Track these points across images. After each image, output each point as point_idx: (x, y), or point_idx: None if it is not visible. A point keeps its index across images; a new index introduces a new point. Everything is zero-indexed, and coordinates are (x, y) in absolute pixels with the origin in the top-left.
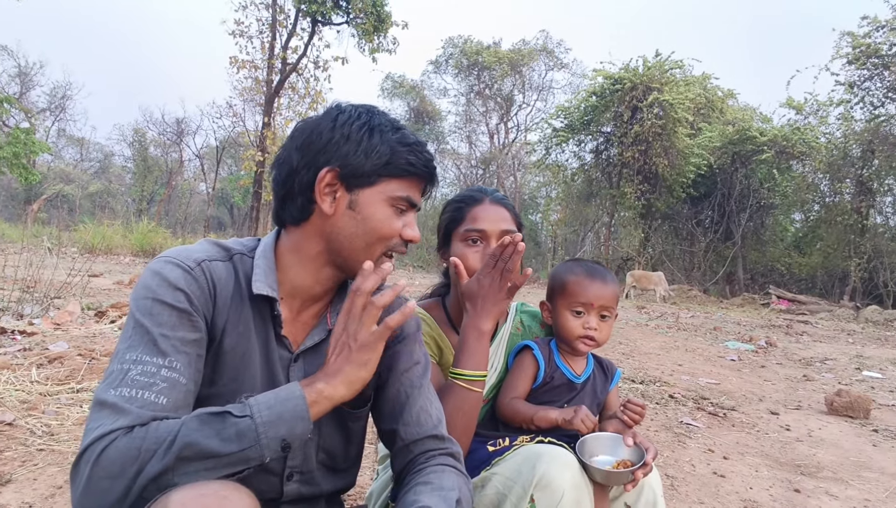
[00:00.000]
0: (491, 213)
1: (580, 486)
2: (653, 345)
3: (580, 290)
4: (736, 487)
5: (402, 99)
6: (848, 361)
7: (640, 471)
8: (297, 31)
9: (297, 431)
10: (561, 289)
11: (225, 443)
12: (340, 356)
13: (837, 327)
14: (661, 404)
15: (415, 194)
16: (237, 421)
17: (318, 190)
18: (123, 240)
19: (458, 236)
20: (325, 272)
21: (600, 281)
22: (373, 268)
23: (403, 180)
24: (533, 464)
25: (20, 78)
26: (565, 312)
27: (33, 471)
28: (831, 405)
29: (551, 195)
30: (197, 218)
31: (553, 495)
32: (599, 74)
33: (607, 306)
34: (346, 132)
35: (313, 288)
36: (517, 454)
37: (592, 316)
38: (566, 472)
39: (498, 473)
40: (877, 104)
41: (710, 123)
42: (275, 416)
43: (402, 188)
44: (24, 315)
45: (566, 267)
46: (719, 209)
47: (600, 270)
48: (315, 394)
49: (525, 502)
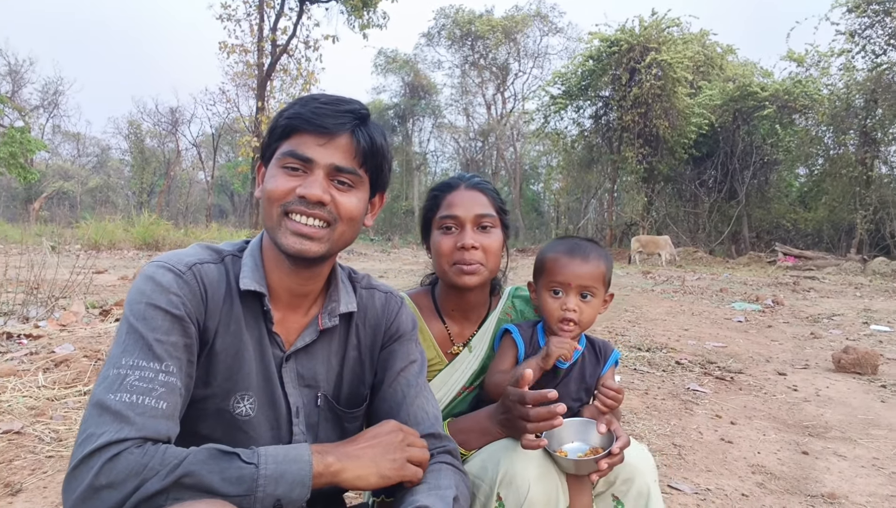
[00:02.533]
0: (465, 199)
1: (547, 477)
2: (659, 310)
3: (557, 268)
4: (744, 452)
5: (395, 74)
6: (855, 315)
7: (605, 460)
8: (284, 12)
9: (294, 495)
10: (540, 267)
11: (225, 483)
12: (372, 446)
13: (845, 281)
14: (667, 371)
15: (306, 149)
16: (242, 466)
17: (258, 179)
18: (126, 234)
19: (435, 223)
20: (283, 265)
21: (580, 259)
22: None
23: (291, 138)
24: (497, 461)
25: (11, 76)
26: (544, 293)
27: (43, 479)
28: (839, 362)
29: (552, 164)
30: (198, 207)
31: (519, 490)
32: (595, 37)
33: (588, 286)
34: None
35: (282, 285)
36: (483, 451)
37: (571, 296)
38: (530, 464)
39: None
40: (879, 52)
41: (710, 81)
42: (278, 473)
43: (288, 146)
44: (29, 318)
45: (550, 245)
46: (722, 168)
47: (584, 246)
48: (323, 466)
49: (493, 500)
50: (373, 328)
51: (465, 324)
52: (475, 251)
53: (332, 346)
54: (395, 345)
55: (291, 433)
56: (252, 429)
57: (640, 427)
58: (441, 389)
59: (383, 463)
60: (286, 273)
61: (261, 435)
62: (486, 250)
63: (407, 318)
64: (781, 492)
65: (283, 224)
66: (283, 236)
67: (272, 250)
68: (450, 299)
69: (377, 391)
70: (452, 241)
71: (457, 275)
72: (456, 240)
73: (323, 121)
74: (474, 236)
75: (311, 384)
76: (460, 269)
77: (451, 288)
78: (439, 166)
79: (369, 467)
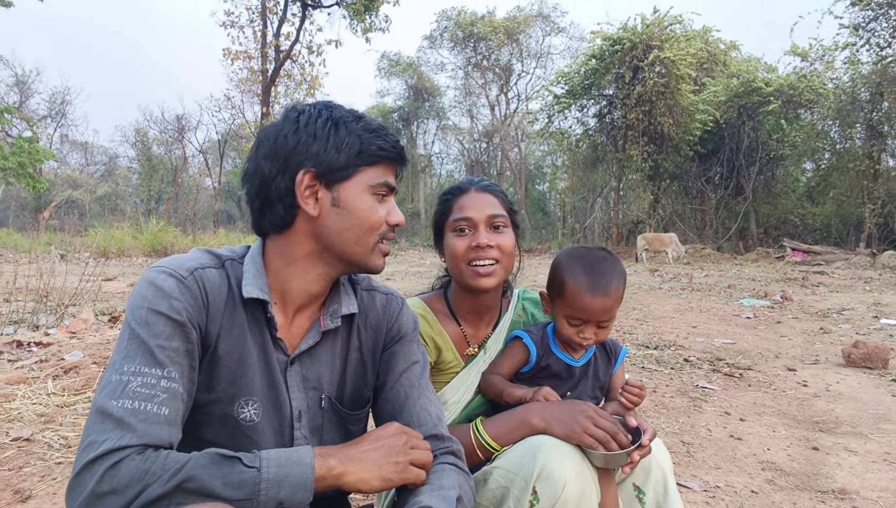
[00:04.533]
0: (477, 201)
1: (582, 474)
2: (666, 308)
3: (579, 303)
4: (753, 449)
5: (399, 77)
6: (865, 310)
7: (637, 453)
8: (287, 17)
9: (297, 498)
10: (559, 292)
11: (227, 487)
12: (375, 448)
13: (854, 275)
14: (676, 368)
15: (390, 178)
16: (244, 470)
17: (299, 194)
18: (134, 241)
19: (448, 227)
20: (316, 271)
21: (602, 295)
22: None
23: (378, 166)
24: (534, 455)
25: (18, 87)
26: (561, 318)
27: (52, 486)
28: (849, 357)
29: (557, 164)
30: (206, 214)
31: (555, 485)
32: (598, 36)
33: (608, 318)
34: (312, 131)
35: (306, 290)
36: (518, 445)
37: (590, 328)
38: (567, 461)
39: (499, 466)
40: (883, 45)
41: (714, 78)
42: (280, 476)
43: (378, 175)
44: (39, 326)
45: (569, 263)
46: (728, 165)
47: (605, 274)
48: (325, 469)
49: (528, 494)
50: (374, 330)
51: (479, 325)
52: (490, 250)
53: (335, 348)
54: (396, 346)
55: (294, 438)
56: (256, 434)
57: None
58: (459, 390)
59: (386, 466)
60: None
61: (265, 440)
62: (500, 249)
63: (408, 319)
64: (791, 488)
65: (378, 248)
66: (377, 258)
67: (282, 259)
68: (464, 301)
69: (380, 392)
70: (467, 242)
71: (473, 278)
72: (470, 241)
73: (406, 157)
74: (488, 236)
75: (315, 386)
76: (476, 271)
77: (465, 290)
78: (444, 168)
79: (372, 470)
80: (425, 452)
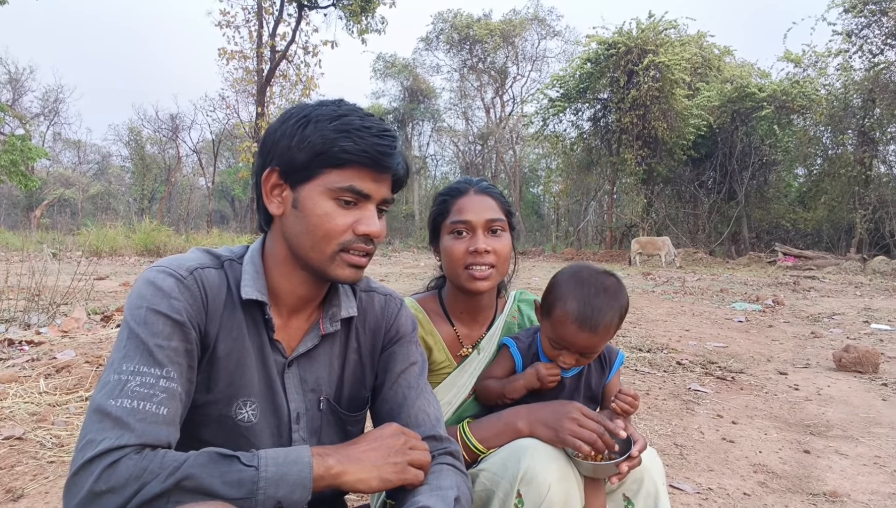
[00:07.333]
0: (475, 203)
1: (567, 478)
2: (659, 311)
3: (563, 332)
4: (745, 452)
5: (394, 79)
6: (856, 314)
7: (625, 463)
8: (283, 18)
9: (295, 497)
10: (548, 311)
11: (225, 486)
12: (374, 449)
13: (845, 280)
14: (668, 371)
15: (363, 184)
16: (242, 468)
17: (264, 191)
18: (127, 241)
19: (445, 228)
20: (297, 276)
21: (588, 330)
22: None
23: (345, 170)
24: (518, 458)
25: (11, 84)
26: (545, 337)
27: (45, 484)
28: (839, 361)
29: (551, 167)
30: (199, 213)
31: (539, 489)
32: (593, 40)
33: (591, 353)
34: (285, 128)
35: (294, 293)
36: (503, 449)
37: (571, 356)
38: (552, 465)
39: (485, 469)
40: (876, 52)
41: (708, 83)
42: (279, 475)
43: (343, 179)
44: (30, 325)
45: (566, 286)
46: (721, 169)
47: (598, 310)
48: (323, 469)
49: (512, 497)
50: (372, 331)
51: (473, 326)
52: (487, 255)
53: (334, 350)
54: (395, 347)
55: (292, 440)
56: (254, 435)
57: (642, 428)
58: (451, 390)
59: (385, 467)
60: (285, 275)
61: (263, 441)
62: (497, 254)
63: (406, 320)
64: (783, 491)
65: (340, 258)
66: (340, 268)
67: (270, 258)
68: (459, 302)
69: (378, 393)
70: (464, 245)
71: (469, 281)
72: (468, 245)
73: (387, 161)
74: (486, 241)
75: (314, 388)
76: (472, 275)
77: (460, 291)
78: (439, 170)
79: (371, 470)
80: (424, 452)
